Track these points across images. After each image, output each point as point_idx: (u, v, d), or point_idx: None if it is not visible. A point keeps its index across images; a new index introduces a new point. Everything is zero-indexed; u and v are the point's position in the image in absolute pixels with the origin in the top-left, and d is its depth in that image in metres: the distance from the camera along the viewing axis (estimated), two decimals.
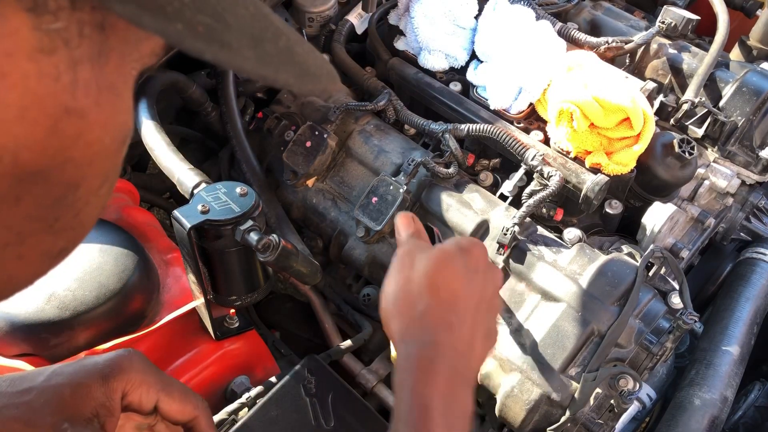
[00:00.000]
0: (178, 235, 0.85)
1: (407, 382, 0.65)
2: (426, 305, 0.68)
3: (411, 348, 0.67)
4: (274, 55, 0.37)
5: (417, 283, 0.70)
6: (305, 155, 1.13)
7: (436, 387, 0.64)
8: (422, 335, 0.67)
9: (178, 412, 0.71)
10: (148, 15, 0.30)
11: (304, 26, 1.38)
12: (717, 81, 1.23)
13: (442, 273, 0.70)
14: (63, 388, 0.63)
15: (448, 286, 0.70)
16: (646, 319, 0.95)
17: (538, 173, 1.04)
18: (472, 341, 0.69)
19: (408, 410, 0.63)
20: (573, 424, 0.89)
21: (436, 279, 0.70)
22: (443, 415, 0.63)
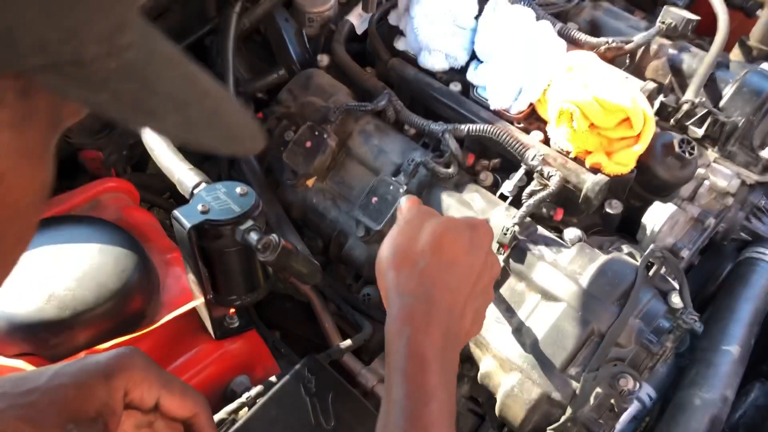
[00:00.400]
0: (178, 235, 0.85)
1: (404, 332, 0.65)
2: (427, 263, 0.68)
3: (407, 300, 0.67)
4: (199, 118, 0.36)
5: (422, 241, 0.70)
6: (305, 155, 1.13)
7: (432, 339, 0.65)
8: (420, 290, 0.67)
9: (178, 408, 0.71)
10: (74, 86, 0.29)
11: (304, 26, 1.38)
12: (717, 81, 1.23)
13: (448, 237, 0.71)
14: (67, 388, 0.64)
15: (452, 251, 0.70)
16: (647, 319, 0.94)
17: (538, 173, 1.04)
18: (464, 310, 0.70)
19: (404, 359, 0.64)
20: (573, 424, 0.89)
21: (442, 241, 0.70)
22: (439, 367, 0.64)
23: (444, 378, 0.64)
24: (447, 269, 0.69)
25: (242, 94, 1.32)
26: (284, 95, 1.24)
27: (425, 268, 0.68)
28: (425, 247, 0.70)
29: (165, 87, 0.34)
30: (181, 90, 0.35)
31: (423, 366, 0.63)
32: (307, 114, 1.20)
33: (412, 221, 0.73)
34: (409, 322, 0.66)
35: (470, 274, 0.71)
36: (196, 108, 0.36)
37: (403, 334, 0.65)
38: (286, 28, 1.37)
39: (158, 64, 0.34)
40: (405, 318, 0.66)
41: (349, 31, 1.35)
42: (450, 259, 0.70)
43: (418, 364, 0.63)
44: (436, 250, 0.70)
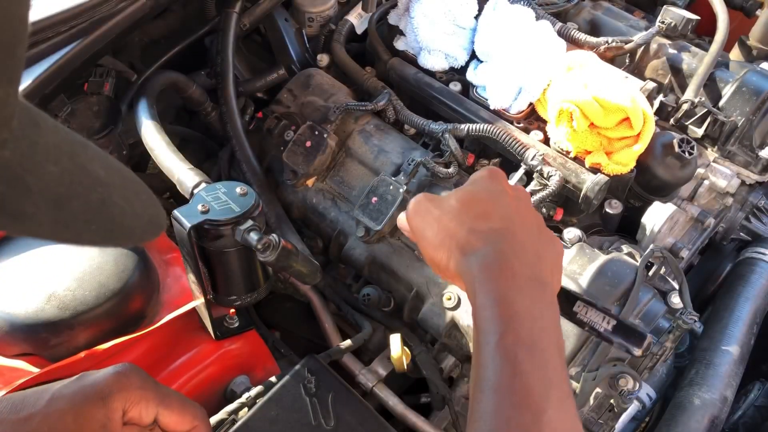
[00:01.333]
0: (178, 235, 0.85)
1: (478, 287, 0.61)
2: (468, 228, 0.66)
3: (472, 263, 0.63)
4: (81, 212, 0.34)
5: (450, 215, 0.68)
6: (305, 155, 1.13)
7: (508, 280, 0.61)
8: (479, 250, 0.64)
9: (177, 423, 0.72)
10: None
11: (304, 26, 1.38)
12: (717, 81, 1.23)
13: (472, 200, 0.69)
14: (65, 414, 0.64)
15: (482, 208, 0.68)
16: (646, 319, 0.94)
17: (537, 173, 1.04)
18: (533, 245, 0.66)
19: (484, 307, 0.60)
20: None
21: (470, 204, 0.68)
22: (521, 298, 0.60)
23: (529, 309, 0.60)
24: (488, 221, 0.66)
25: (242, 94, 1.32)
26: (284, 95, 1.24)
27: (470, 232, 0.66)
28: (459, 220, 0.67)
29: (42, 184, 0.31)
30: (62, 184, 0.33)
31: (505, 304, 0.59)
32: (307, 114, 1.20)
33: (424, 210, 0.71)
34: (487, 279, 0.62)
35: (512, 214, 0.68)
36: (79, 201, 0.34)
37: (484, 290, 0.61)
38: (286, 28, 1.37)
39: (39, 157, 0.32)
40: (481, 277, 0.62)
41: (349, 31, 1.35)
42: (486, 214, 0.67)
43: (501, 305, 0.59)
44: (473, 216, 0.67)
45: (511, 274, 0.62)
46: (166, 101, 1.33)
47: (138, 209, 0.40)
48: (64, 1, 0.97)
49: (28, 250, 0.96)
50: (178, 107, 1.44)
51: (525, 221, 0.69)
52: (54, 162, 0.32)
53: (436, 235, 0.68)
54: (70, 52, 0.98)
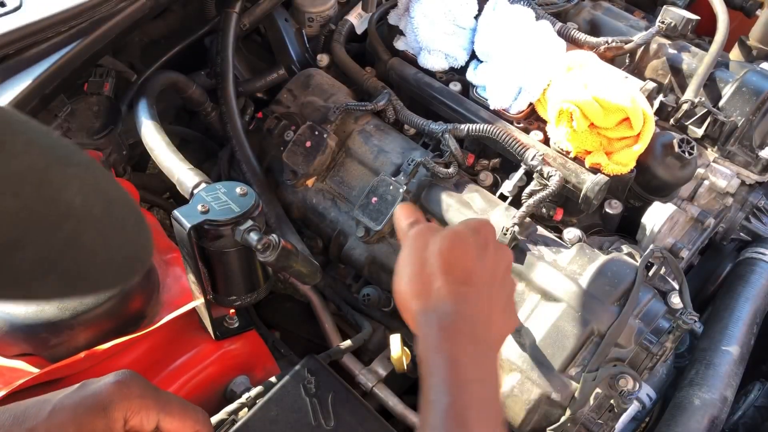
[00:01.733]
0: (178, 235, 0.85)
1: (432, 345, 0.64)
2: (442, 282, 0.68)
3: (431, 319, 0.66)
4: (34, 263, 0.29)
5: (431, 263, 0.70)
6: (305, 155, 1.13)
7: (461, 345, 0.64)
8: (441, 307, 0.67)
9: (178, 429, 0.73)
10: None
11: (304, 26, 1.39)
12: (717, 81, 1.23)
13: (455, 252, 0.71)
14: (67, 425, 0.65)
15: (462, 264, 0.70)
16: (646, 319, 0.95)
17: (537, 173, 1.04)
18: (490, 314, 0.69)
19: (437, 367, 0.63)
20: (573, 424, 0.89)
21: (450, 258, 0.70)
22: (473, 364, 0.63)
23: (480, 375, 0.64)
24: (462, 282, 0.69)
25: (242, 94, 1.32)
26: (284, 95, 1.24)
27: (441, 287, 0.68)
28: (436, 268, 0.69)
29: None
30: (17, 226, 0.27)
31: (457, 368, 0.63)
32: (307, 114, 1.20)
33: (416, 242, 0.73)
34: (435, 337, 0.66)
35: (485, 277, 0.71)
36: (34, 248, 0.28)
37: (432, 348, 0.65)
38: (286, 28, 1.37)
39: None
40: (431, 334, 0.66)
41: (349, 31, 1.35)
42: (462, 273, 0.70)
43: (453, 368, 0.63)
44: (448, 269, 0.69)
45: (468, 339, 0.65)
46: (166, 101, 1.33)
47: (115, 245, 0.35)
48: (64, 1, 0.97)
49: None
50: (178, 107, 1.44)
51: (495, 290, 0.72)
52: (13, 194, 0.27)
53: (411, 272, 0.71)
54: (70, 52, 0.98)
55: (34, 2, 0.96)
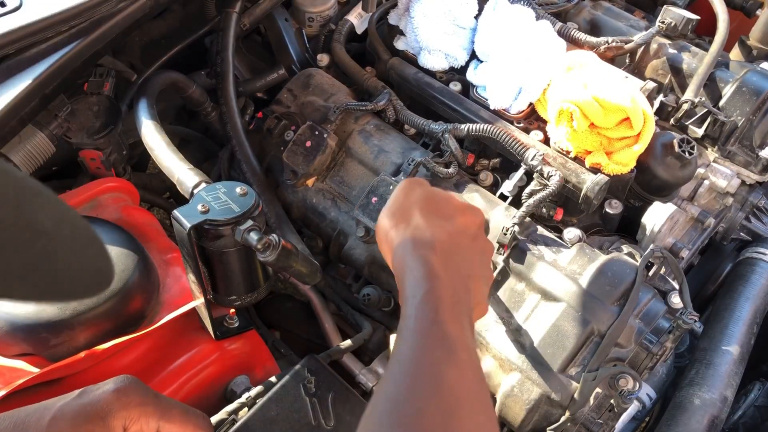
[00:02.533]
0: (178, 235, 0.85)
1: (408, 253, 0.67)
2: (421, 216, 0.71)
3: (407, 242, 0.68)
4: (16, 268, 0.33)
5: (413, 201, 0.73)
6: (305, 155, 1.13)
7: (436, 258, 0.66)
8: (418, 233, 0.69)
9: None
10: None
11: (304, 26, 1.39)
12: (717, 81, 1.23)
13: (437, 196, 0.74)
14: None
15: (443, 207, 0.73)
16: (646, 319, 0.95)
17: (538, 173, 1.04)
18: (465, 254, 0.71)
19: (413, 268, 0.65)
20: (573, 424, 0.89)
21: (432, 199, 0.73)
22: (448, 275, 0.65)
23: (452, 283, 0.65)
24: (441, 219, 0.71)
25: (242, 94, 1.32)
26: (284, 95, 1.24)
27: (419, 220, 0.70)
28: (416, 207, 0.72)
29: None
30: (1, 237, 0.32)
31: (432, 268, 0.64)
32: (307, 113, 1.20)
33: (403, 190, 0.76)
34: (415, 249, 0.67)
35: (468, 227, 0.73)
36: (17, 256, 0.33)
37: (412, 255, 0.66)
38: (286, 28, 1.37)
39: None
40: (410, 247, 0.67)
41: (349, 31, 1.35)
42: (443, 213, 0.72)
43: (428, 267, 0.64)
44: (429, 208, 0.72)
45: (443, 257, 0.67)
46: (166, 101, 1.33)
47: (85, 263, 0.39)
48: (64, 1, 0.97)
49: None
50: (178, 107, 1.44)
51: (473, 244, 0.74)
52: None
53: (394, 207, 0.74)
54: (70, 52, 0.98)
55: (34, 2, 0.96)
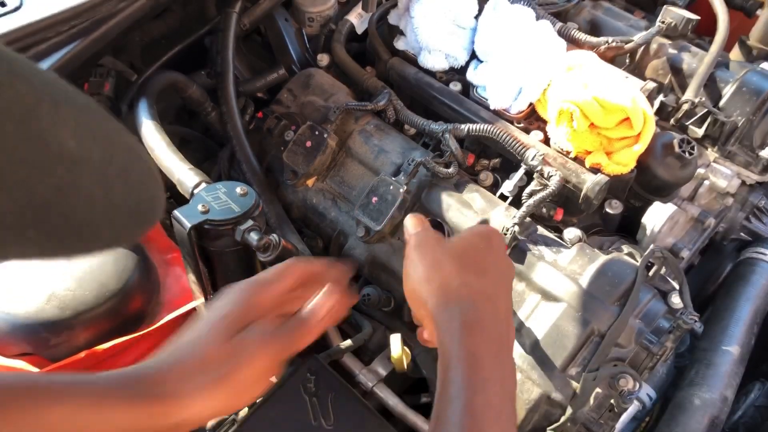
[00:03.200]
0: (178, 235, 0.85)
1: (456, 339, 0.65)
2: (459, 280, 0.70)
3: (454, 314, 0.67)
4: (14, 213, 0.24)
5: (444, 262, 0.71)
6: (305, 155, 1.13)
7: (483, 341, 0.65)
8: (463, 302, 0.68)
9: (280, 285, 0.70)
10: None
11: (304, 26, 1.39)
12: (717, 81, 1.23)
13: (469, 252, 0.73)
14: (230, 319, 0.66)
15: (474, 261, 0.72)
16: (646, 319, 0.95)
17: (538, 173, 1.04)
18: (506, 310, 0.71)
19: (459, 360, 0.63)
20: (573, 424, 0.89)
21: (463, 256, 0.72)
22: (494, 363, 0.64)
23: (500, 373, 0.64)
24: (481, 280, 0.71)
25: (242, 94, 1.32)
26: (284, 95, 1.24)
27: (461, 285, 0.69)
28: (451, 268, 0.71)
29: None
30: None
31: (477, 363, 0.63)
32: (307, 113, 1.20)
33: (423, 247, 0.74)
34: (458, 330, 0.66)
35: (501, 277, 0.74)
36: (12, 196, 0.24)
37: (454, 340, 0.65)
38: (286, 28, 1.37)
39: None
40: (453, 328, 0.66)
41: (349, 31, 1.35)
42: (477, 268, 0.72)
43: (473, 362, 0.63)
44: (463, 267, 0.71)
45: (489, 335, 0.66)
46: (166, 101, 1.33)
47: (118, 196, 0.30)
48: (64, 1, 0.97)
49: None
50: (178, 107, 1.44)
51: (507, 290, 0.75)
52: None
53: (427, 269, 0.72)
54: (70, 52, 0.98)
55: (34, 2, 0.96)
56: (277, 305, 0.68)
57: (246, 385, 0.64)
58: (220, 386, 0.62)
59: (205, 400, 0.61)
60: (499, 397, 0.63)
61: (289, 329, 0.69)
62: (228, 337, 0.64)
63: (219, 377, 0.62)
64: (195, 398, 0.60)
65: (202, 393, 0.61)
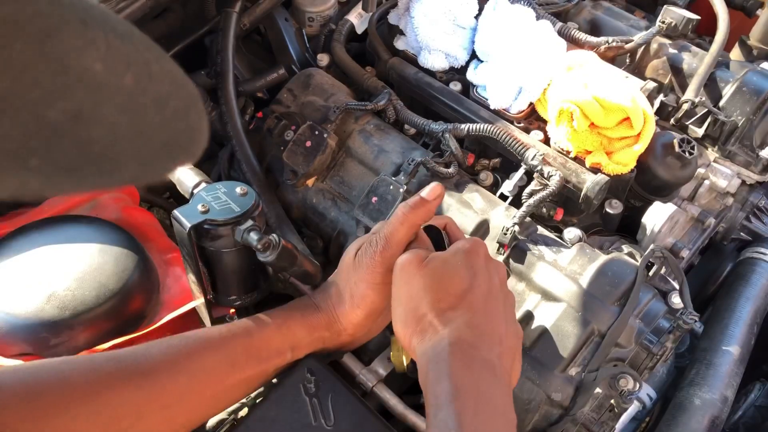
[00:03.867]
0: (178, 235, 0.85)
1: (434, 377, 0.64)
2: (432, 315, 0.69)
3: (430, 347, 0.67)
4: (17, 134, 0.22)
5: (419, 297, 0.71)
6: (305, 155, 1.13)
7: (464, 372, 0.64)
8: (437, 339, 0.67)
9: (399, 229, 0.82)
10: None
11: (304, 26, 1.38)
12: (717, 81, 1.23)
13: (442, 282, 0.71)
14: None
15: (451, 291, 0.71)
16: (647, 319, 0.94)
17: (538, 173, 1.04)
18: (492, 333, 0.69)
19: (442, 400, 0.63)
20: (573, 424, 0.89)
21: (437, 288, 0.71)
22: (479, 392, 0.64)
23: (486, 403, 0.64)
24: (453, 309, 0.69)
25: (242, 94, 1.32)
26: (284, 95, 1.24)
27: (433, 323, 0.69)
28: (424, 304, 0.70)
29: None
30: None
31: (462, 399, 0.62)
32: (307, 113, 1.20)
33: (402, 281, 0.74)
34: (440, 368, 0.65)
35: (479, 295, 0.71)
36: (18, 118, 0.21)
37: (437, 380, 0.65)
38: (286, 27, 1.37)
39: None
40: (435, 368, 0.66)
41: (349, 31, 1.35)
42: (453, 299, 0.70)
43: (458, 400, 0.62)
44: (436, 301, 0.70)
45: (467, 362, 0.65)
46: None
47: (150, 127, 0.27)
48: None
49: (28, 250, 0.96)
50: None
51: (492, 306, 0.72)
52: None
53: (404, 311, 0.72)
54: None
55: None
56: None
57: (375, 288, 0.79)
58: (358, 291, 0.79)
59: (355, 307, 0.78)
60: (484, 420, 0.62)
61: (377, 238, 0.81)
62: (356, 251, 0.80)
63: (356, 284, 0.79)
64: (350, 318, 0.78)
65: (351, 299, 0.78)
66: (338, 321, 0.80)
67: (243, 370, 0.75)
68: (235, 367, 0.74)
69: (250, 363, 0.76)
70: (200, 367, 0.72)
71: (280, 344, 0.78)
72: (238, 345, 0.76)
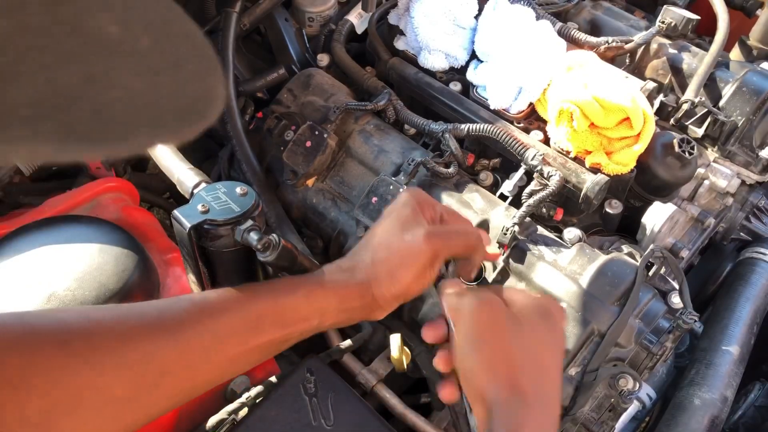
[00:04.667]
0: (178, 235, 0.85)
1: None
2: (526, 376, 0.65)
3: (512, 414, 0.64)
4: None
5: (516, 347, 0.67)
6: (305, 155, 1.13)
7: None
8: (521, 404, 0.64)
9: None
10: None
11: (304, 26, 1.39)
12: (717, 81, 1.23)
13: (533, 337, 0.68)
14: None
15: (541, 349, 0.68)
16: (646, 319, 0.95)
17: (538, 173, 1.04)
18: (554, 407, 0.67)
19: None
20: (573, 424, 0.89)
21: (531, 343, 0.68)
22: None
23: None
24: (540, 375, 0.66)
25: (242, 94, 1.32)
26: (284, 95, 1.24)
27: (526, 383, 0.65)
28: (520, 356, 0.66)
29: None
30: None
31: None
32: (307, 113, 1.20)
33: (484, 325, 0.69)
34: None
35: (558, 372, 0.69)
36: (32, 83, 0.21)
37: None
38: (286, 27, 1.37)
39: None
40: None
41: (349, 31, 1.35)
42: (540, 358, 0.67)
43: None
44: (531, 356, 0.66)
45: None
46: None
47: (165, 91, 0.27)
48: None
49: (28, 250, 0.96)
50: None
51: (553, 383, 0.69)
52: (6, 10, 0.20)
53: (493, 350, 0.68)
54: None
55: None
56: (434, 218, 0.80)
57: (417, 273, 0.76)
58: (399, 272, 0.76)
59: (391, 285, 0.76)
60: None
61: (448, 229, 0.80)
62: (402, 231, 0.77)
63: (398, 264, 0.76)
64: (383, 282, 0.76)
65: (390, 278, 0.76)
66: (371, 294, 0.78)
67: (266, 333, 0.73)
68: (258, 330, 0.71)
69: (275, 327, 0.73)
70: (224, 328, 0.69)
71: (307, 311, 0.76)
72: (262, 307, 0.73)
